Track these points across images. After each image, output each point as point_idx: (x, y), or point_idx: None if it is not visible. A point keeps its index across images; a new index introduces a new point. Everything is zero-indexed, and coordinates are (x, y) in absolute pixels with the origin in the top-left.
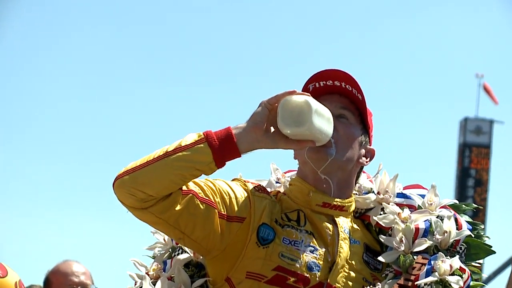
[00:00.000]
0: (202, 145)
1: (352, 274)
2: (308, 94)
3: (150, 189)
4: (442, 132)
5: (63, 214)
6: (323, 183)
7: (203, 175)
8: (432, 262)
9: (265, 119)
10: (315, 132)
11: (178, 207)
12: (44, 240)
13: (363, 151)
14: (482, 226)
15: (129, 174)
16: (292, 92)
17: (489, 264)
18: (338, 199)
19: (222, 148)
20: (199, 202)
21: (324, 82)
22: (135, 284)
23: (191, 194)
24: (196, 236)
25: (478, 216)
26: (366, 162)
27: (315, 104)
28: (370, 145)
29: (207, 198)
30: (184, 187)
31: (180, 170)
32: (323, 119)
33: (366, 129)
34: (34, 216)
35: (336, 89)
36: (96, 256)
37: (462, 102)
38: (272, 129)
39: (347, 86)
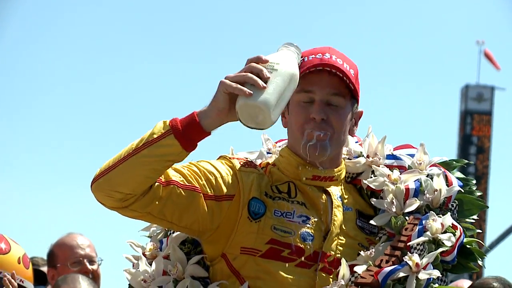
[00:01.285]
0: (168, 137)
1: (347, 240)
2: (263, 86)
3: (126, 188)
4: (443, 99)
5: (64, 189)
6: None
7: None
8: (424, 221)
9: (227, 103)
10: (278, 118)
11: (159, 200)
12: (43, 213)
13: (353, 121)
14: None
15: (102, 176)
16: (248, 95)
17: (492, 231)
18: (327, 170)
19: (189, 136)
20: (181, 191)
21: (314, 68)
22: (133, 266)
23: (172, 185)
24: (185, 224)
25: (481, 183)
26: (355, 129)
27: (272, 99)
28: (357, 106)
29: (189, 185)
30: (164, 178)
31: (151, 165)
32: (282, 101)
33: (355, 96)
34: (35, 190)
35: (326, 65)
36: (97, 234)
37: (463, 69)
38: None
39: (337, 72)
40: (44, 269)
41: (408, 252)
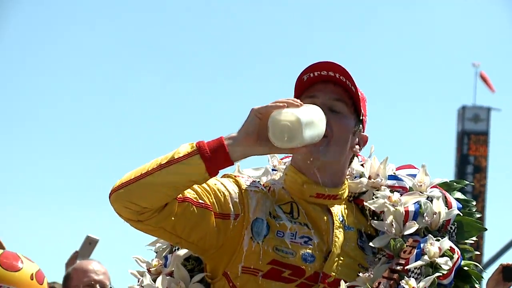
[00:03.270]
0: (194, 157)
1: (348, 261)
2: (299, 103)
3: (145, 202)
4: (441, 120)
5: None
6: (315, 175)
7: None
8: (422, 245)
9: (256, 128)
10: (307, 142)
11: (174, 216)
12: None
13: (356, 139)
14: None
15: (123, 187)
16: (282, 107)
17: (490, 249)
18: (331, 188)
19: (215, 159)
20: (194, 208)
21: (319, 73)
22: (138, 281)
23: (187, 202)
24: (193, 239)
25: (478, 201)
26: (359, 150)
27: (304, 117)
28: (363, 131)
29: (202, 202)
30: (180, 195)
31: (174, 183)
32: (314, 127)
33: (359, 117)
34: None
35: (331, 79)
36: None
37: (459, 91)
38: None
39: (341, 77)
40: None
41: (405, 276)
